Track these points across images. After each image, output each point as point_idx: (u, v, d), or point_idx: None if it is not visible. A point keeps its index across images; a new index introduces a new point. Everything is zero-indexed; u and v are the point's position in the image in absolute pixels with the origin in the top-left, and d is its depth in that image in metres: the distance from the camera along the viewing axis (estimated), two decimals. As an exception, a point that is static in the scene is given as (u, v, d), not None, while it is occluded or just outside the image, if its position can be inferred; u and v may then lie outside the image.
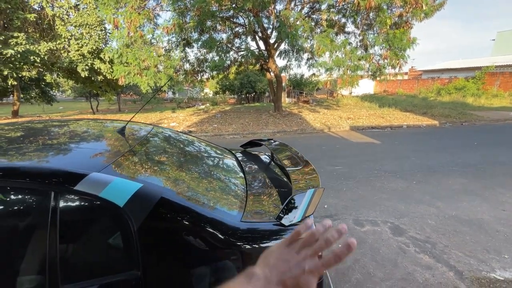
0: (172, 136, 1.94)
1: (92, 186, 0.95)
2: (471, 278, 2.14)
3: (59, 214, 0.91)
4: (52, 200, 0.92)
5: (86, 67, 10.21)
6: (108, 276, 0.95)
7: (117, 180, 1.01)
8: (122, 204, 0.95)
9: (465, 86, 19.33)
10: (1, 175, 0.94)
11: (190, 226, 1.05)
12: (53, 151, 1.23)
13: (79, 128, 1.68)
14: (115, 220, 0.97)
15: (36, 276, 0.92)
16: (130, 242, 0.95)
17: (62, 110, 22.43)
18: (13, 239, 0.95)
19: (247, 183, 1.51)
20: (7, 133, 1.54)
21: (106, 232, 1.00)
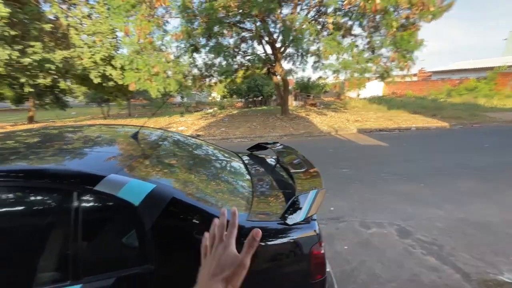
0: (181, 140, 2.03)
1: (110, 186, 1.04)
2: (478, 280, 2.14)
3: (81, 212, 1.01)
4: (75, 199, 1.01)
5: (98, 73, 10.56)
6: (124, 269, 1.03)
7: (132, 181, 1.10)
8: (137, 203, 1.03)
9: (477, 87, 18.94)
10: (30, 177, 1.04)
11: (199, 224, 1.13)
12: (72, 155, 1.34)
13: (95, 134, 1.79)
14: (130, 218, 1.06)
15: (61, 268, 1.01)
16: (144, 238, 1.04)
17: (75, 116, 23.07)
18: (40, 234, 1.05)
19: (253, 185, 1.58)
20: (26, 139, 1.65)
21: (123, 229, 1.09)
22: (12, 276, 0.99)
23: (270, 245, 1.19)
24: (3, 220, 1.05)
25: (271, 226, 1.23)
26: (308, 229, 1.27)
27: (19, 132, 1.78)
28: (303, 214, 1.24)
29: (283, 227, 1.22)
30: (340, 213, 3.26)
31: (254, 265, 1.16)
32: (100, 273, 1.01)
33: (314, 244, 1.25)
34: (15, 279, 0.98)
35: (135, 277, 1.02)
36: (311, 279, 1.24)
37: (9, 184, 1.05)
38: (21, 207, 1.09)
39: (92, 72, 10.55)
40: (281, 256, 1.24)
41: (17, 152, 1.32)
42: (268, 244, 1.19)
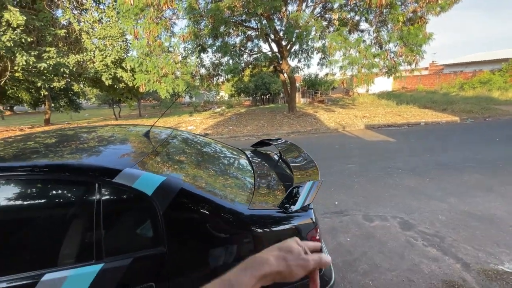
0: (189, 138, 2.18)
1: (126, 178, 1.19)
2: (478, 269, 2.19)
3: (102, 201, 1.15)
4: (96, 190, 1.16)
5: (109, 76, 10.91)
6: (140, 251, 1.17)
7: (145, 174, 1.24)
8: (150, 193, 1.17)
9: (491, 79, 18.38)
10: (58, 170, 1.20)
11: (205, 212, 1.26)
12: (91, 152, 1.49)
13: (110, 133, 1.95)
14: (145, 206, 1.20)
15: (86, 250, 1.16)
16: (157, 224, 1.17)
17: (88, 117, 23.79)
18: (68, 221, 1.21)
19: (255, 178, 1.71)
20: (45, 139, 1.81)
21: (138, 215, 1.23)
22: (47, 256, 1.15)
23: (270, 231, 1.32)
24: (38, 209, 1.21)
25: (270, 213, 1.35)
26: (305, 216, 1.38)
27: (38, 133, 1.95)
28: (299, 203, 1.35)
29: (282, 215, 1.34)
30: (343, 207, 3.34)
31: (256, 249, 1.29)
32: (119, 254, 1.16)
33: (310, 230, 1.37)
34: (49, 258, 1.14)
35: (149, 257, 1.16)
36: (308, 263, 1.36)
37: (40, 177, 1.21)
38: (50, 198, 1.25)
39: (103, 74, 10.92)
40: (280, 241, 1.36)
41: (38, 151, 1.48)
42: (268, 230, 1.31)
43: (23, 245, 1.18)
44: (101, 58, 10.40)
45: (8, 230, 1.17)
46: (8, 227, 1.18)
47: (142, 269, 1.17)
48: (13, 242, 1.17)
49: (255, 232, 1.29)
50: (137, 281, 1.14)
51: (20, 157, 1.37)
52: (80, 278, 1.10)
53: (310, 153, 2.02)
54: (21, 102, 19.18)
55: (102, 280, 1.11)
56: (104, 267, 1.11)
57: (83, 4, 10.51)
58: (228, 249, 1.25)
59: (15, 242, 1.17)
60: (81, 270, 1.11)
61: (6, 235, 1.16)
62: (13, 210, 1.18)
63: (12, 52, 8.49)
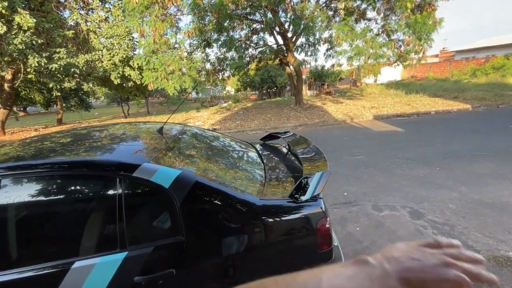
0: (200, 133, 2.25)
1: (145, 173, 1.26)
2: (488, 256, 2.21)
3: (124, 194, 1.24)
4: (118, 184, 1.24)
5: (118, 75, 11.09)
6: (160, 240, 1.26)
7: (162, 168, 1.31)
8: (168, 186, 1.25)
9: (505, 64, 17.72)
10: (82, 166, 1.29)
11: (219, 203, 1.33)
12: (111, 148, 1.58)
13: (125, 130, 2.04)
14: (163, 198, 1.28)
15: (111, 239, 1.25)
16: (175, 214, 1.25)
17: (98, 116, 24.27)
18: (93, 213, 1.30)
19: (265, 170, 1.76)
20: (65, 139, 1.87)
21: (157, 207, 1.31)
22: (77, 245, 1.24)
23: (281, 220, 1.38)
24: (65, 203, 1.31)
25: (281, 204, 1.41)
26: (315, 206, 1.43)
27: (53, 133, 2.00)
28: (309, 193, 1.40)
29: (292, 205, 1.40)
30: (353, 198, 3.38)
31: (268, 238, 1.36)
32: (141, 243, 1.25)
33: (320, 219, 1.42)
34: (78, 248, 1.24)
35: (169, 245, 1.24)
36: (319, 249, 1.42)
37: (65, 173, 1.30)
38: (76, 192, 1.34)
39: (112, 73, 11.10)
40: (291, 230, 1.42)
41: (55, 150, 1.56)
42: (279, 220, 1.38)
43: (54, 237, 1.28)
44: (109, 57, 10.55)
45: (42, 223, 1.28)
46: (41, 220, 1.28)
47: (163, 256, 1.25)
48: (46, 234, 1.27)
49: (266, 221, 1.35)
50: (158, 268, 1.23)
51: (46, 156, 1.46)
52: (107, 265, 1.19)
53: (319, 145, 2.06)
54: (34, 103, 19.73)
55: (127, 267, 1.20)
56: (128, 255, 1.20)
57: (89, 3, 10.65)
58: (241, 238, 1.32)
59: (48, 234, 1.27)
60: (107, 258, 1.20)
61: (40, 228, 1.26)
62: (44, 205, 1.28)
63: (24, 55, 8.72)
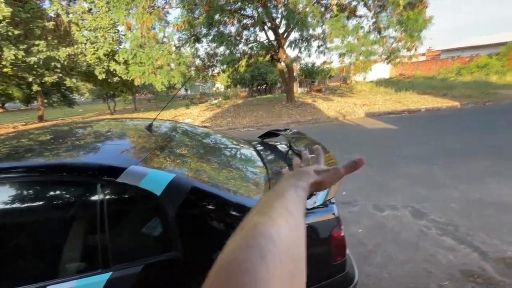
0: (194, 130, 2.04)
1: (131, 177, 1.06)
2: (496, 258, 2.13)
3: (106, 203, 1.03)
4: (99, 191, 1.04)
5: (102, 69, 10.60)
6: (151, 257, 1.06)
7: (152, 171, 1.11)
8: (159, 193, 1.05)
9: (488, 63, 18.25)
10: (54, 171, 1.07)
11: (219, 212, 1.14)
12: (93, 149, 1.36)
13: (111, 128, 1.81)
14: (154, 207, 1.08)
15: (91, 258, 1.05)
16: (168, 226, 1.06)
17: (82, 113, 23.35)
18: (68, 226, 1.08)
19: (268, 171, 1.59)
20: (40, 136, 1.65)
21: (147, 218, 1.11)
22: (49, 266, 1.03)
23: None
24: (32, 213, 1.09)
25: (290, 211, 1.24)
26: (327, 212, 1.27)
27: (31, 130, 1.79)
28: (321, 198, 1.24)
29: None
30: (352, 197, 3.26)
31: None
32: (128, 261, 1.05)
33: (334, 227, 1.26)
34: (51, 268, 1.02)
35: (162, 263, 1.05)
36: (332, 261, 1.26)
37: (34, 179, 1.08)
38: (47, 202, 1.12)
39: (96, 68, 10.59)
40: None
41: (33, 149, 1.34)
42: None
43: (20, 256, 1.06)
44: (92, 51, 10.05)
45: (6, 240, 1.05)
46: (5, 237, 1.05)
47: (155, 276, 1.06)
48: (9, 253, 1.04)
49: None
50: (149, 290, 1.04)
51: (13, 157, 1.23)
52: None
53: (321, 143, 1.90)
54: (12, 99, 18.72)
55: (111, 291, 1.00)
56: (112, 276, 1.00)
57: (71, -6, 10.11)
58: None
59: (12, 253, 1.05)
60: (88, 280, 0.99)
61: (3, 245, 1.03)
62: (9, 218, 1.06)
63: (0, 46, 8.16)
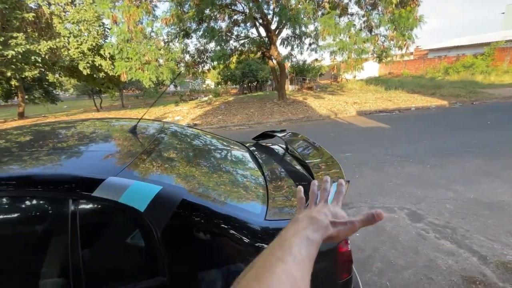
0: (183, 132, 1.88)
1: (110, 191, 0.90)
2: (496, 262, 2.09)
3: (79, 222, 0.87)
4: (70, 208, 0.87)
5: (87, 64, 10.13)
6: (133, 283, 0.91)
7: (135, 183, 0.96)
8: (143, 209, 0.90)
9: (474, 63, 18.72)
10: (17, 184, 0.90)
11: (215, 229, 1.00)
12: (66, 156, 1.18)
13: (90, 130, 1.63)
14: (137, 225, 0.93)
15: (62, 285, 0.89)
16: (154, 247, 0.91)
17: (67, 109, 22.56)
18: (35, 248, 0.92)
19: (266, 179, 1.46)
20: (16, 137, 1.49)
21: (129, 238, 0.96)
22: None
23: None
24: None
25: (292, 224, 1.11)
26: (332, 225, 1.15)
27: (4, 131, 1.61)
28: (326, 209, 1.12)
29: (306, 225, 1.11)
30: (347, 199, 3.18)
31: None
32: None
33: (340, 241, 1.15)
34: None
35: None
36: (338, 279, 1.15)
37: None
38: (8, 221, 0.96)
39: (80, 63, 10.12)
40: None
41: (3, 155, 1.17)
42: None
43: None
44: (76, 45, 9.59)
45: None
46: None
47: (138, 307, 0.91)
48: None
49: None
50: (131, 323, 0.89)
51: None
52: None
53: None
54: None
55: (85, 326, 0.85)
56: (86, 308, 0.85)
57: (53, -16, 9.57)
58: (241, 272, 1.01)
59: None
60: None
61: None
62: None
63: (-26, 39, 7.65)
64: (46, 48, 9.06)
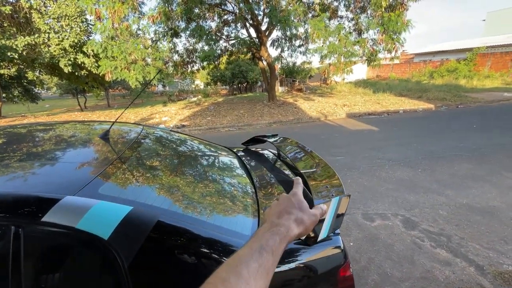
0: (166, 138, 1.71)
1: (66, 214, 0.73)
2: (493, 273, 2.02)
3: (23, 256, 0.70)
4: (12, 238, 0.70)
5: (69, 62, 9.65)
6: (95, 328, 0.75)
7: (100, 204, 0.79)
8: (107, 236, 0.73)
9: (457, 68, 19.29)
10: None
11: (196, 256, 0.84)
12: (14, 168, 0.99)
13: (52, 135, 1.43)
14: (99, 257, 0.76)
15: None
16: (120, 284, 0.75)
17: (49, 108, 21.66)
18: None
19: (256, 190, 1.31)
20: None
21: (88, 274, 0.78)
22: None
23: (288, 273, 0.94)
24: None
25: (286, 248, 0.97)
26: (331, 247, 1.02)
27: None
28: (325, 229, 0.98)
29: (302, 249, 0.97)
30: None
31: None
32: (59, 337, 0.73)
33: (341, 265, 1.01)
34: None
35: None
36: (339, 308, 1.01)
37: None
38: None
39: (62, 60, 9.63)
40: (300, 284, 0.99)
41: None
42: (285, 272, 0.94)
43: None
44: (57, 41, 9.13)
45: None
46: None
47: None
48: None
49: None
50: None
51: None
52: None
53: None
54: (-36, 92, 16.81)
55: None
56: None
57: (32, -23, 9.08)
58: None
59: None
60: None
61: None
62: None
63: None
64: (23, 44, 8.56)
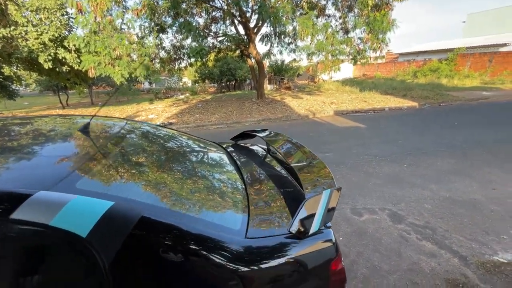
0: (152, 132, 1.64)
1: (38, 211, 0.67)
2: (476, 263, 2.09)
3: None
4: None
5: (49, 57, 9.23)
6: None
7: (77, 199, 0.74)
8: (85, 234, 0.68)
9: (439, 67, 19.93)
10: None
11: (184, 255, 0.80)
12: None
13: (28, 128, 1.34)
14: (77, 257, 0.71)
15: None
16: (101, 284, 0.70)
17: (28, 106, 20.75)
18: None
19: (246, 185, 1.28)
20: None
21: (66, 275, 0.73)
22: None
23: (278, 267, 0.91)
24: None
25: (276, 243, 0.95)
26: (323, 240, 1.01)
27: None
28: (317, 222, 0.97)
29: (293, 243, 0.95)
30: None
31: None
32: None
33: (332, 258, 1.00)
34: None
35: None
36: (330, 302, 1.00)
37: None
38: None
39: (41, 55, 9.20)
40: (291, 278, 0.97)
41: None
42: (275, 267, 0.91)
43: None
44: (35, 35, 8.71)
45: None
46: None
47: None
48: None
49: (256, 272, 0.87)
50: None
51: None
52: None
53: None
54: None
55: None
56: None
57: (8, -33, 8.60)
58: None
59: None
60: None
61: None
62: None
63: None
64: (-2, 37, 8.13)
